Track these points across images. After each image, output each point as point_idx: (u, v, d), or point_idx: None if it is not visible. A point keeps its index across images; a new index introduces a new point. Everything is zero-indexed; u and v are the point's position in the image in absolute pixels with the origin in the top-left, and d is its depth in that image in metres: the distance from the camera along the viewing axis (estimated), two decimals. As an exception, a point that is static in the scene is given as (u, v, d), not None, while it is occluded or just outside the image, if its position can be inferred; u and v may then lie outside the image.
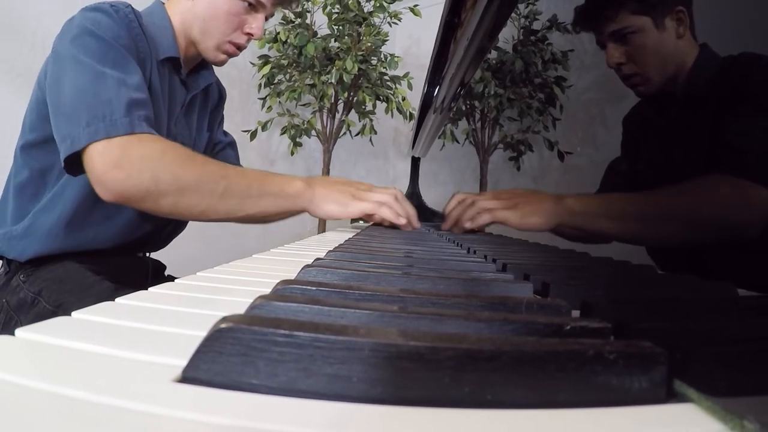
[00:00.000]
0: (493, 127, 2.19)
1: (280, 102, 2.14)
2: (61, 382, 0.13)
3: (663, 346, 0.14)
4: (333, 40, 2.12)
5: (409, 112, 2.18)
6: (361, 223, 1.15)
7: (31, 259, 0.77)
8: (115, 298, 0.24)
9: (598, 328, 0.17)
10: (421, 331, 0.16)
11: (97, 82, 0.65)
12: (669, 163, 0.88)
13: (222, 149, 1.03)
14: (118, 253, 0.85)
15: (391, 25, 2.16)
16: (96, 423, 0.11)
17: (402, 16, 2.12)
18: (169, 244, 0.96)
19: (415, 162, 1.39)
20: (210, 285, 0.30)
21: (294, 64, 2.12)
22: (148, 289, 0.27)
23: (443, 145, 2.32)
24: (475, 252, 0.50)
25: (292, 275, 0.29)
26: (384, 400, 0.13)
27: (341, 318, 0.18)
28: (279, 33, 2.06)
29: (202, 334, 0.14)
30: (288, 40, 2.04)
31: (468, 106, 2.18)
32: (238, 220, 0.74)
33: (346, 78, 1.98)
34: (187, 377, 0.14)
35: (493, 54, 2.09)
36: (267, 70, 2.07)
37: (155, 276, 0.94)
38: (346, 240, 0.62)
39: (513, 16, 2.05)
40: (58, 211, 0.76)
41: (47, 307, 0.71)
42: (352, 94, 2.17)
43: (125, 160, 0.64)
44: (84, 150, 0.64)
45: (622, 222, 0.76)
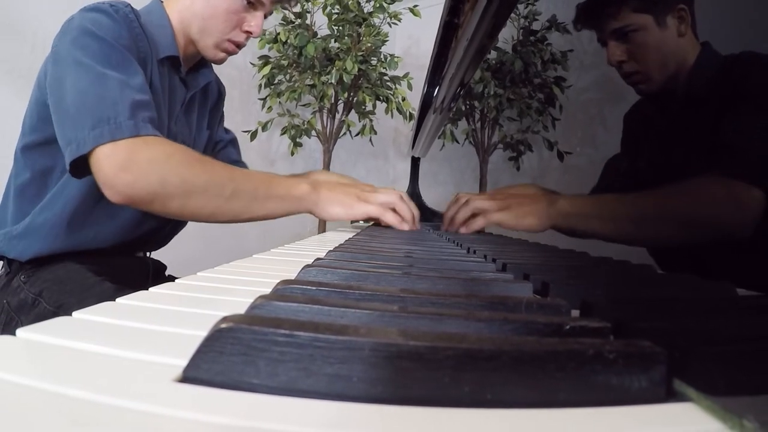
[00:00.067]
0: (492, 127, 2.19)
1: (280, 102, 2.14)
2: (62, 382, 0.13)
3: (662, 346, 0.14)
4: (333, 40, 2.12)
5: (409, 113, 2.18)
6: (361, 223, 1.15)
7: (32, 260, 0.77)
8: (116, 298, 0.24)
9: (598, 328, 0.17)
10: (421, 330, 0.16)
11: (99, 84, 0.65)
12: (668, 161, 0.88)
13: (223, 147, 1.03)
14: (119, 253, 0.85)
15: (390, 26, 2.16)
16: (97, 423, 0.11)
17: (402, 16, 2.13)
18: (169, 242, 0.96)
19: (415, 162, 1.39)
20: (210, 285, 0.30)
21: (294, 65, 2.12)
22: (149, 289, 0.27)
23: (443, 145, 2.32)
24: (474, 252, 0.50)
25: (293, 275, 0.29)
26: (384, 400, 0.13)
27: (341, 318, 0.18)
28: (279, 33, 2.06)
29: (202, 334, 0.14)
30: (288, 41, 2.05)
31: (468, 107, 2.18)
32: (244, 221, 0.75)
33: (346, 78, 1.98)
34: (187, 377, 0.14)
35: (492, 54, 2.09)
36: (267, 70, 2.07)
37: (156, 276, 0.94)
38: (346, 240, 0.62)
39: (512, 16, 2.05)
40: (58, 210, 0.76)
41: (48, 308, 0.71)
42: (352, 94, 2.17)
43: (132, 163, 0.64)
44: (90, 153, 0.64)
45: (615, 223, 0.76)
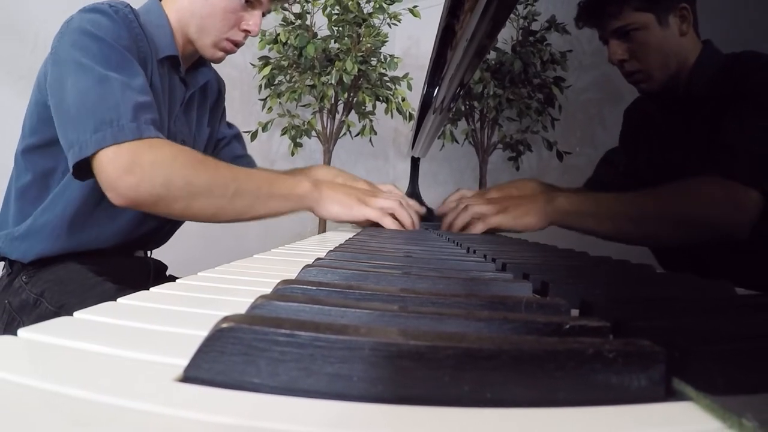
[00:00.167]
0: (492, 128, 2.19)
1: (280, 103, 2.14)
2: (63, 382, 0.13)
3: (662, 345, 0.14)
4: (333, 41, 2.12)
5: (409, 113, 2.18)
6: None
7: (34, 261, 0.77)
8: (117, 298, 0.24)
9: (597, 327, 0.17)
10: (421, 330, 0.16)
11: (101, 87, 0.65)
12: (667, 160, 0.88)
13: (227, 144, 1.03)
14: (120, 253, 0.85)
15: (390, 26, 2.16)
16: (98, 422, 0.11)
17: (401, 17, 2.12)
18: (169, 240, 0.96)
19: (414, 162, 1.39)
20: (211, 285, 0.30)
21: (294, 65, 2.12)
22: (150, 289, 0.27)
23: (443, 145, 2.32)
24: (474, 251, 0.50)
25: (293, 275, 0.29)
26: (384, 399, 0.13)
27: (342, 317, 0.18)
28: (279, 34, 2.06)
29: (203, 333, 0.14)
30: (288, 42, 2.05)
31: (467, 107, 2.18)
32: (247, 220, 0.75)
33: (346, 79, 1.98)
34: (188, 377, 0.14)
35: (492, 55, 2.09)
36: (267, 71, 2.07)
37: (157, 276, 0.94)
38: (347, 240, 0.62)
39: (512, 16, 2.05)
40: (59, 212, 0.76)
41: (49, 308, 0.72)
42: (352, 94, 2.17)
43: (136, 165, 0.64)
44: (93, 156, 0.64)
45: (613, 221, 0.76)
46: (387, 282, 0.28)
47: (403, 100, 2.16)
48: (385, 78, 2.17)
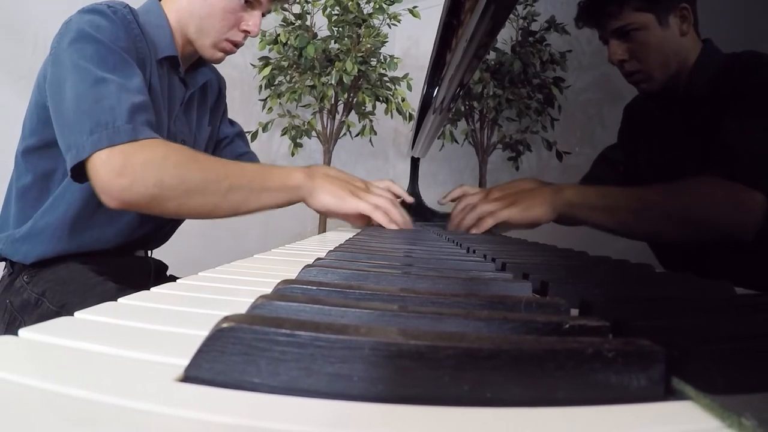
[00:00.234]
0: (491, 128, 2.19)
1: (280, 103, 2.14)
2: (64, 381, 0.13)
3: (661, 344, 0.14)
4: (333, 41, 2.12)
5: (409, 113, 2.18)
6: None
7: (35, 262, 0.77)
8: (118, 298, 0.24)
9: (597, 327, 0.17)
10: (421, 330, 0.16)
11: (97, 89, 0.65)
12: (667, 159, 0.88)
13: (230, 142, 1.02)
14: (120, 254, 0.85)
15: (390, 27, 2.16)
16: (99, 422, 0.11)
17: (401, 17, 2.13)
18: (169, 240, 0.96)
19: (414, 162, 1.39)
20: (212, 285, 0.30)
21: (294, 66, 2.12)
22: (151, 289, 0.27)
23: (442, 145, 2.32)
24: (474, 251, 0.50)
25: (293, 275, 0.30)
26: (385, 399, 0.13)
27: (342, 317, 0.18)
28: (279, 35, 2.06)
29: (203, 333, 0.14)
30: (288, 42, 2.05)
31: (467, 107, 2.18)
32: (242, 215, 0.75)
33: (345, 79, 1.98)
34: (189, 376, 0.14)
35: (491, 55, 2.09)
36: (267, 71, 2.07)
37: (157, 276, 0.94)
38: (347, 240, 0.62)
39: (511, 17, 2.05)
40: (60, 214, 0.76)
41: (51, 308, 0.72)
42: (352, 95, 2.18)
43: (128, 167, 0.64)
44: (88, 159, 0.64)
45: (619, 215, 0.76)
46: (387, 282, 0.28)
47: (402, 100, 2.16)
48: (385, 78, 2.17)
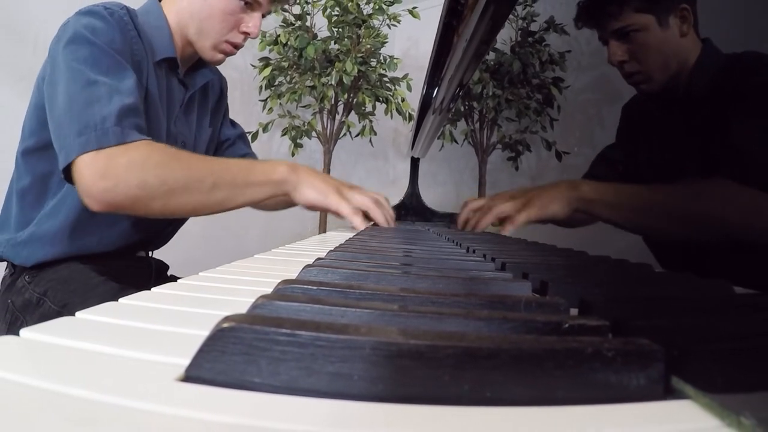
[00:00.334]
0: (491, 128, 2.19)
1: (280, 104, 2.14)
2: (66, 381, 0.13)
3: (660, 344, 0.14)
4: (333, 42, 2.12)
5: (409, 113, 2.18)
6: None
7: (36, 264, 0.77)
8: (119, 298, 0.24)
9: (596, 326, 0.17)
10: (421, 329, 0.16)
11: (89, 91, 0.65)
12: (666, 159, 0.88)
13: (231, 144, 1.02)
14: (121, 256, 0.85)
15: (390, 27, 2.16)
16: (100, 422, 0.12)
17: (401, 18, 2.13)
18: (170, 240, 0.96)
19: (414, 162, 1.39)
20: (212, 285, 0.30)
21: (294, 66, 2.12)
22: (151, 289, 0.27)
23: (442, 145, 2.32)
24: (474, 251, 0.50)
25: (294, 275, 0.30)
26: (385, 398, 0.13)
27: (342, 317, 0.18)
28: (279, 35, 2.06)
29: (204, 333, 0.14)
30: (288, 43, 2.05)
31: (466, 107, 2.18)
32: (228, 210, 0.75)
33: (345, 80, 1.98)
34: (190, 376, 0.14)
35: (491, 55, 2.09)
36: (268, 72, 2.08)
37: (158, 276, 0.94)
38: (347, 240, 0.62)
39: (511, 17, 2.05)
40: (61, 218, 0.76)
41: (52, 308, 0.72)
42: (351, 95, 2.18)
43: (110, 170, 0.63)
44: (73, 161, 0.64)
45: (632, 212, 0.77)
46: (387, 281, 0.28)
47: (402, 100, 2.16)
48: (385, 79, 2.17)
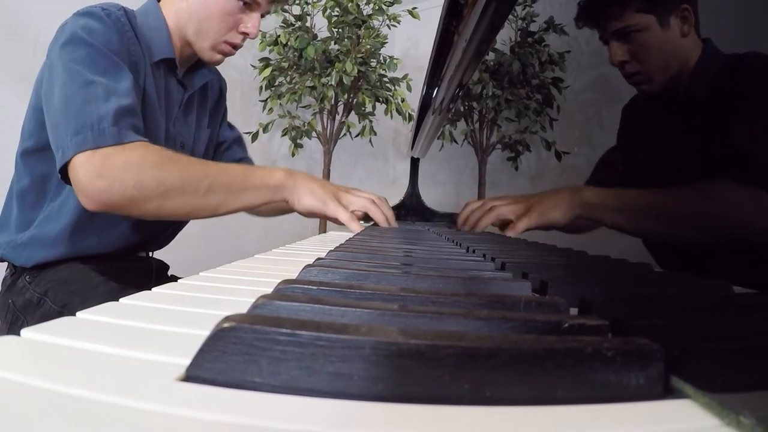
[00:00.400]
0: (491, 128, 2.19)
1: (280, 104, 2.15)
2: (66, 381, 0.14)
3: (660, 343, 0.14)
4: (333, 42, 2.12)
5: (408, 114, 2.18)
6: (361, 223, 1.15)
7: (36, 265, 0.77)
8: (120, 298, 0.24)
9: (596, 326, 0.17)
10: (421, 329, 0.16)
11: (85, 91, 0.65)
12: (666, 159, 0.88)
13: (228, 147, 1.02)
14: (121, 257, 0.85)
15: (390, 28, 2.16)
16: (100, 422, 0.12)
17: (401, 18, 2.13)
18: (171, 241, 0.96)
19: (414, 163, 1.39)
20: (213, 285, 0.30)
21: (294, 67, 2.12)
22: (152, 289, 0.27)
23: (442, 145, 2.32)
24: (473, 251, 0.50)
25: (294, 275, 0.30)
26: (385, 398, 0.13)
27: (342, 317, 0.18)
28: (279, 36, 2.06)
29: (205, 333, 0.14)
30: (288, 43, 2.05)
31: (466, 107, 2.18)
32: (223, 215, 0.75)
33: (345, 80, 1.99)
34: (190, 376, 0.14)
35: (491, 55, 2.10)
36: (268, 72, 2.08)
37: (159, 276, 0.94)
38: (347, 240, 0.62)
39: (510, 18, 2.05)
40: (62, 221, 0.76)
41: (53, 307, 0.72)
42: (351, 95, 2.18)
43: (107, 169, 0.64)
44: (70, 160, 0.64)
45: (635, 216, 0.76)
46: (387, 281, 0.28)
47: (402, 101, 2.17)
48: (385, 79, 2.17)
